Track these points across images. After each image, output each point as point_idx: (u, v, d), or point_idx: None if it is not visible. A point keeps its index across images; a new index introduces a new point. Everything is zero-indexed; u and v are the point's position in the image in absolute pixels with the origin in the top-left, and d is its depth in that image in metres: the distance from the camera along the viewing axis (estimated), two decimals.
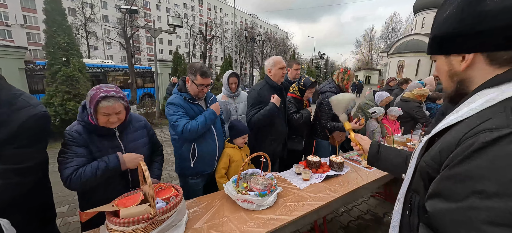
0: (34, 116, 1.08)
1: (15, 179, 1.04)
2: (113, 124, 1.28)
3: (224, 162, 1.89)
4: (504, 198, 0.39)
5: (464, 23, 0.53)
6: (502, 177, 0.40)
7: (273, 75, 2.14)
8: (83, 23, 22.75)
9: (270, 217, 1.34)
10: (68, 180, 1.20)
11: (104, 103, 1.21)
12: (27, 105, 1.09)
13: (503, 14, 0.47)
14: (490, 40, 0.51)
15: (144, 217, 1.02)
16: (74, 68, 5.82)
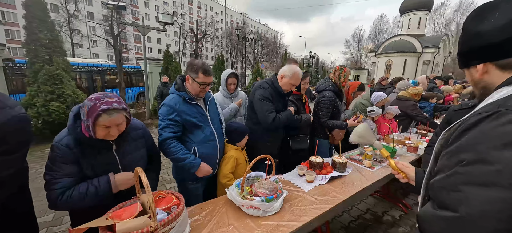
0: (11, 119, 0.94)
1: None
2: (112, 137, 1.15)
3: (231, 167, 1.79)
4: (478, 164, 0.50)
5: (471, 41, 0.66)
6: (478, 148, 0.52)
7: (282, 83, 2.04)
8: (67, 20, 21.75)
9: (278, 224, 1.26)
10: (55, 204, 1.10)
11: (106, 116, 1.07)
12: (2, 106, 0.95)
13: (495, 32, 0.59)
14: (491, 51, 0.62)
15: (144, 231, 0.92)
16: (57, 67, 5.50)
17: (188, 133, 1.60)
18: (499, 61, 0.62)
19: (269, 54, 36.59)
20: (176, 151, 1.52)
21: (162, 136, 1.53)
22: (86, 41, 31.06)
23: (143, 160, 1.37)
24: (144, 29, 7.55)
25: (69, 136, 1.13)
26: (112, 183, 1.17)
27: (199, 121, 1.60)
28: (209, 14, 52.08)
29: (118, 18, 7.58)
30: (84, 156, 1.14)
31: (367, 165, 2.13)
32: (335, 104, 2.44)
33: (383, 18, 48.89)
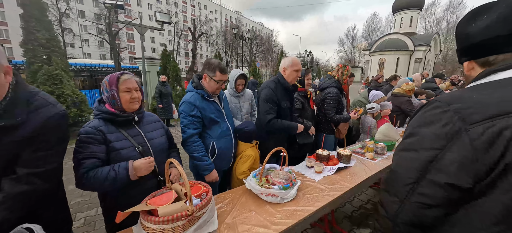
0: (55, 115, 1.02)
1: (39, 184, 0.98)
2: (135, 102, 1.28)
3: (249, 165, 1.91)
4: (409, 137, 0.71)
5: (461, 41, 0.75)
6: (412, 126, 0.71)
7: (287, 75, 2.15)
8: (58, 18, 21.29)
9: (295, 209, 1.39)
10: (81, 183, 1.19)
11: (124, 77, 1.24)
12: (46, 103, 1.03)
13: (477, 33, 0.68)
14: (474, 50, 0.72)
15: (182, 214, 1.02)
16: (56, 67, 5.47)
17: (207, 129, 1.71)
18: (479, 59, 0.70)
19: (265, 52, 36.70)
20: (198, 150, 1.64)
21: (187, 132, 1.63)
22: (77, 40, 30.47)
23: (164, 137, 1.48)
24: (142, 28, 7.54)
25: (94, 119, 1.26)
26: (130, 169, 1.21)
27: (217, 117, 1.71)
28: (203, 12, 51.75)
29: (115, 17, 7.53)
30: (110, 132, 1.24)
31: (369, 157, 2.27)
32: (339, 100, 2.58)
33: (376, 16, 49.74)
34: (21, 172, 0.93)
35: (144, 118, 1.42)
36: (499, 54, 0.65)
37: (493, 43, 0.65)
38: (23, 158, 0.94)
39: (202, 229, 1.10)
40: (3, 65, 0.88)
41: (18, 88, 0.96)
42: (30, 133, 0.94)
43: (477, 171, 0.54)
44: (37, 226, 0.91)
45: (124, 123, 1.29)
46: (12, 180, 0.92)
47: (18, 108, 0.93)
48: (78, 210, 2.78)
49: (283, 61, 2.20)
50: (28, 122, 0.95)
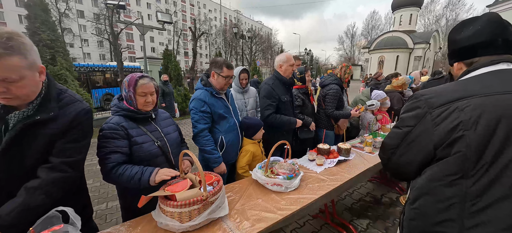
0: (82, 111, 1.13)
1: (70, 172, 1.09)
2: (149, 105, 1.37)
3: (248, 159, 2.01)
4: (399, 120, 0.92)
5: (451, 45, 0.91)
6: (401, 112, 0.92)
7: (283, 70, 2.28)
8: (57, 18, 21.32)
9: (298, 197, 1.50)
10: (108, 176, 1.28)
11: (142, 81, 1.33)
12: (74, 100, 1.13)
13: (464, 40, 0.85)
14: (461, 53, 0.88)
15: (198, 199, 1.13)
16: (61, 67, 5.57)
17: (216, 124, 1.83)
18: (465, 60, 0.87)
19: (264, 51, 36.75)
20: (208, 144, 1.76)
21: (198, 127, 1.75)
22: (77, 40, 30.49)
23: (177, 133, 1.58)
24: (144, 28, 7.62)
25: (115, 115, 1.35)
26: (152, 175, 1.27)
27: (225, 113, 1.82)
28: (202, 11, 51.75)
29: (117, 17, 7.61)
30: (131, 127, 1.33)
31: (368, 150, 2.38)
32: (340, 96, 2.69)
33: (376, 14, 49.77)
34: (55, 161, 1.04)
35: (159, 115, 1.52)
36: (477, 56, 0.83)
37: (473, 48, 0.83)
38: (56, 149, 1.04)
39: (215, 213, 1.21)
40: (39, 65, 0.98)
41: (50, 86, 1.06)
42: (62, 126, 1.05)
43: (436, 140, 0.75)
44: (69, 209, 1.02)
45: (143, 120, 1.39)
46: (48, 168, 1.03)
47: (51, 104, 1.03)
48: None
49: (278, 58, 2.34)
50: (59, 116, 1.05)
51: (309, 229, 2.34)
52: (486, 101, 0.69)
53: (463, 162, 0.70)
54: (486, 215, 0.66)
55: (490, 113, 0.67)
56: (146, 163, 1.35)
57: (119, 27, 9.80)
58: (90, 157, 1.34)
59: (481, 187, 0.67)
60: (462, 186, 0.70)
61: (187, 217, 1.12)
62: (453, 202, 0.71)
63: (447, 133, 0.72)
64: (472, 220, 0.68)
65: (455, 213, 0.71)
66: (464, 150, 0.69)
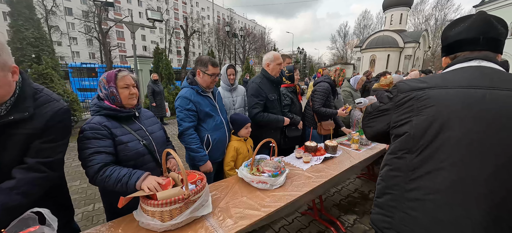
0: (59, 110, 1.10)
1: (47, 172, 1.06)
2: (133, 98, 1.34)
3: (232, 155, 2.01)
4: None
5: (442, 41, 0.98)
6: None
7: (271, 69, 2.29)
8: (44, 16, 20.65)
9: (283, 194, 1.51)
10: (93, 179, 1.21)
11: (121, 73, 1.30)
12: (51, 99, 1.10)
13: (452, 36, 0.92)
14: (448, 49, 0.95)
15: (179, 198, 1.13)
16: (46, 66, 5.40)
17: (202, 122, 1.81)
18: (450, 55, 0.94)
19: (258, 50, 36.72)
20: (193, 142, 1.74)
21: (183, 125, 1.73)
22: (65, 38, 29.60)
23: (162, 131, 1.56)
24: (133, 26, 7.48)
25: (96, 115, 1.29)
26: (141, 178, 1.20)
27: (211, 111, 1.81)
28: (195, 9, 51.19)
29: (105, 15, 7.43)
30: (114, 127, 1.29)
31: (355, 147, 2.43)
32: (328, 95, 2.72)
33: (367, 13, 50.43)
34: (31, 161, 1.01)
35: (142, 113, 1.49)
36: (460, 52, 0.90)
37: (458, 44, 0.90)
38: (33, 149, 1.01)
39: (198, 211, 1.21)
40: (11, 65, 0.95)
41: (24, 85, 1.03)
42: (38, 126, 1.02)
43: (393, 119, 0.94)
44: (46, 210, 1.00)
45: (126, 119, 1.35)
46: (24, 169, 1.00)
47: (25, 103, 1.00)
48: (76, 206, 2.79)
49: (265, 56, 2.35)
50: (35, 116, 1.02)
51: (298, 226, 2.36)
52: (436, 93, 0.81)
53: (409, 140, 0.85)
54: (420, 182, 0.82)
55: (437, 104, 0.79)
56: (132, 163, 1.32)
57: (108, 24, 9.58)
58: (76, 159, 1.27)
59: (419, 161, 0.83)
60: (407, 159, 0.86)
61: (169, 216, 1.12)
62: (400, 171, 0.89)
63: (400, 116, 0.89)
64: (411, 185, 0.85)
65: (400, 179, 0.88)
66: (410, 131, 0.85)
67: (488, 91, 0.74)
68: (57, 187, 1.28)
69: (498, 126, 0.71)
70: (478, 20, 0.84)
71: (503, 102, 0.72)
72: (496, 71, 0.79)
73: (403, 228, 0.86)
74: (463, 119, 0.75)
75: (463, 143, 0.74)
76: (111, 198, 1.38)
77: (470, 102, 0.75)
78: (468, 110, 0.74)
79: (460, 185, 0.74)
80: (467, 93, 0.76)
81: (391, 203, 0.91)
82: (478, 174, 0.72)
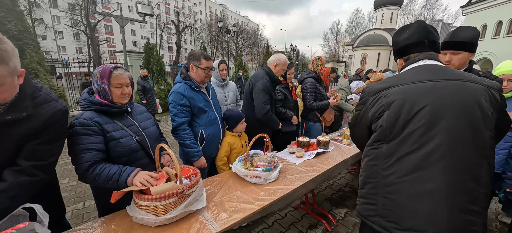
0: (58, 111, 1.06)
1: (40, 176, 1.03)
2: (125, 97, 1.30)
3: (225, 151, 2.02)
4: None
5: (394, 45, 1.14)
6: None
7: (276, 70, 2.31)
8: (27, 8, 19.73)
9: (277, 188, 1.54)
10: (84, 177, 1.19)
11: (116, 72, 1.25)
12: (49, 99, 1.06)
13: (401, 41, 1.08)
14: (400, 52, 1.11)
15: (173, 192, 1.13)
16: (31, 60, 5.19)
17: (195, 117, 1.81)
18: (403, 57, 1.10)
19: (251, 46, 36.56)
20: (187, 138, 1.73)
21: (176, 121, 1.72)
22: (50, 32, 28.38)
23: (155, 126, 1.53)
24: (123, 20, 7.27)
25: (86, 110, 1.25)
26: (132, 175, 1.19)
27: (205, 106, 1.81)
28: (187, 4, 50.21)
29: (93, 8, 7.18)
30: (105, 122, 1.25)
31: (346, 143, 2.48)
32: (317, 88, 2.76)
33: (359, 12, 51.19)
34: (24, 164, 0.97)
35: (134, 108, 1.46)
36: (411, 54, 1.06)
37: (408, 47, 1.06)
38: (27, 151, 0.98)
39: (192, 206, 1.21)
40: (20, 70, 0.92)
41: (25, 84, 0.98)
42: (36, 127, 0.98)
43: (369, 118, 1.03)
44: (37, 206, 0.98)
45: (118, 114, 1.32)
46: (16, 172, 0.96)
47: (24, 103, 0.96)
48: (65, 204, 2.75)
49: (276, 57, 2.33)
50: (33, 116, 0.98)
51: (291, 220, 2.41)
52: (397, 90, 0.95)
53: (382, 132, 0.97)
54: (395, 167, 0.93)
55: (399, 98, 0.93)
56: (125, 159, 1.30)
57: (96, 18, 9.26)
58: (66, 156, 1.22)
59: (392, 148, 0.94)
60: (383, 148, 0.97)
61: (163, 211, 1.12)
62: (377, 160, 0.99)
63: (374, 113, 1.01)
64: (387, 171, 0.95)
65: (378, 167, 0.98)
66: (383, 124, 0.96)
67: (435, 82, 0.91)
68: (49, 185, 1.25)
69: (447, 105, 0.87)
70: (420, 27, 1.03)
71: (446, 87, 0.89)
72: (439, 67, 0.98)
73: (386, 212, 0.95)
74: (422, 107, 0.89)
75: (425, 125, 0.88)
76: (104, 194, 1.36)
77: (423, 92, 0.91)
78: (422, 98, 0.89)
79: (426, 161, 0.87)
80: (420, 85, 0.92)
81: (372, 191, 1.00)
82: (439, 148, 0.86)
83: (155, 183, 1.18)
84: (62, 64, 7.54)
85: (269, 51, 14.19)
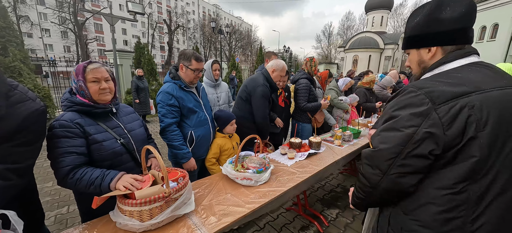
0: (35, 111, 0.99)
1: (14, 180, 0.96)
2: (105, 92, 1.23)
3: (214, 152, 1.98)
4: (390, 119, 0.78)
5: (429, 26, 0.78)
6: (391, 109, 0.78)
7: (274, 76, 2.30)
8: (12, 4, 18.98)
9: (268, 190, 1.51)
10: (64, 182, 1.13)
11: (91, 66, 1.20)
12: (26, 98, 0.99)
13: (446, 22, 0.74)
14: (444, 37, 0.76)
15: (159, 196, 1.08)
16: (14, 58, 4.97)
17: (185, 118, 1.76)
18: (445, 47, 0.77)
19: (244, 47, 36.53)
20: (176, 139, 1.68)
21: (165, 122, 1.66)
22: (36, 30, 27.37)
23: (143, 128, 1.47)
24: (112, 18, 7.09)
25: (67, 111, 1.19)
26: (115, 179, 1.14)
27: (195, 107, 1.76)
28: (179, 4, 49.65)
29: (82, 5, 6.96)
30: (88, 124, 1.19)
31: (338, 144, 2.49)
32: (310, 89, 2.77)
33: (351, 15, 52.15)
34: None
35: (120, 109, 1.40)
36: (455, 43, 0.76)
37: (460, 32, 0.74)
38: (0, 153, 0.91)
39: (179, 210, 1.17)
40: None
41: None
42: (10, 128, 0.91)
43: (445, 142, 0.66)
44: (11, 212, 0.91)
45: (102, 115, 1.26)
46: None
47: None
48: (48, 209, 2.65)
49: (275, 62, 2.32)
50: (7, 117, 0.91)
51: (283, 222, 2.39)
52: (489, 98, 0.65)
53: (475, 166, 0.65)
54: (486, 216, 0.66)
55: (494, 111, 0.64)
56: (109, 163, 1.24)
57: (85, 16, 8.99)
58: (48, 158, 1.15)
59: (483, 189, 0.65)
60: (470, 192, 0.66)
61: (148, 216, 1.07)
62: (461, 210, 0.67)
63: (458, 136, 0.65)
64: (475, 224, 0.67)
65: (461, 221, 0.67)
66: (477, 154, 0.64)
67: (506, 90, 0.67)
68: (25, 189, 1.17)
69: None
70: (473, 5, 0.71)
71: None
72: (492, 67, 0.73)
73: None
74: None
75: None
76: (86, 199, 1.30)
77: (507, 101, 0.65)
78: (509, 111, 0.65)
79: None
80: (505, 93, 0.66)
81: None
82: None
83: (140, 186, 1.13)
84: (48, 63, 7.27)
85: (262, 52, 14.21)
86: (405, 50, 0.90)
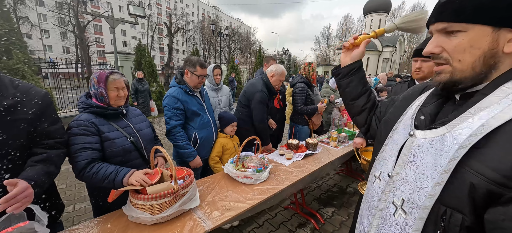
0: (45, 94, 1.14)
1: (64, 149, 1.19)
2: (121, 99, 1.39)
3: (217, 151, 2.10)
4: None
5: None
6: None
7: (273, 80, 2.41)
8: (12, 6, 19.01)
9: (267, 187, 1.63)
10: (81, 175, 1.24)
11: (113, 77, 1.34)
12: (31, 85, 1.13)
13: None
14: None
15: (169, 192, 1.19)
16: (17, 60, 5.06)
17: (189, 120, 1.88)
18: None
19: (243, 49, 36.71)
20: (181, 139, 1.81)
21: (170, 124, 1.78)
22: (36, 31, 27.35)
23: (150, 128, 1.60)
24: (114, 21, 7.20)
25: (84, 112, 1.33)
26: (127, 175, 1.24)
27: (198, 110, 1.89)
28: (179, 6, 49.84)
29: (84, 8, 7.08)
30: (102, 124, 1.33)
31: (333, 145, 2.61)
32: (307, 93, 2.88)
33: (349, 17, 52.58)
34: (50, 142, 1.10)
35: (130, 111, 1.53)
36: None
37: None
38: (43, 134, 1.09)
39: (186, 204, 1.28)
40: None
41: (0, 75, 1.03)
42: (34, 110, 1.05)
43: None
44: (35, 206, 1.02)
45: (114, 116, 1.39)
46: (46, 147, 1.09)
47: (9, 91, 1.01)
48: None
49: (274, 67, 2.43)
50: (28, 99, 1.04)
51: (280, 219, 2.50)
52: None
53: None
54: None
55: None
56: (119, 159, 1.36)
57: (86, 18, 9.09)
58: None
59: None
60: None
61: (158, 209, 1.18)
62: None
63: None
64: None
65: None
66: None
67: None
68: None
69: None
70: None
71: None
72: None
73: None
74: None
75: None
76: (98, 194, 1.41)
77: None
78: None
79: None
80: None
81: None
82: None
83: (151, 181, 1.24)
84: (48, 64, 7.35)
85: (261, 55, 14.36)
86: (451, 22, 0.51)
